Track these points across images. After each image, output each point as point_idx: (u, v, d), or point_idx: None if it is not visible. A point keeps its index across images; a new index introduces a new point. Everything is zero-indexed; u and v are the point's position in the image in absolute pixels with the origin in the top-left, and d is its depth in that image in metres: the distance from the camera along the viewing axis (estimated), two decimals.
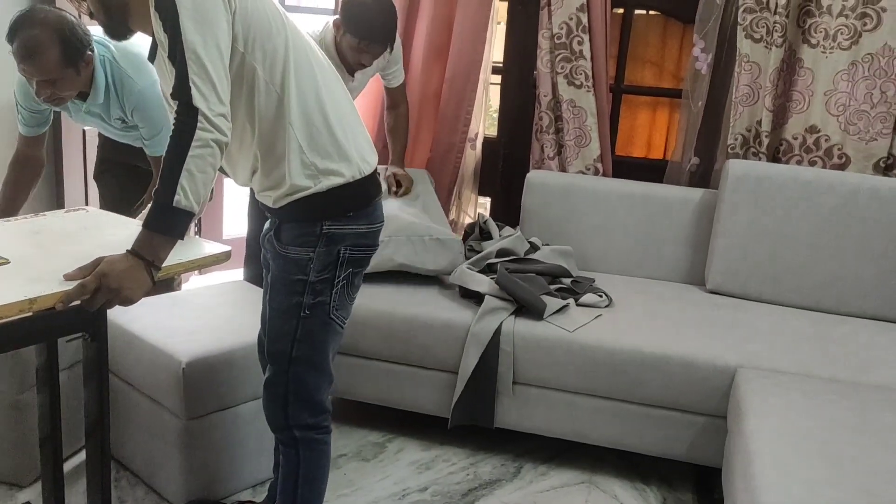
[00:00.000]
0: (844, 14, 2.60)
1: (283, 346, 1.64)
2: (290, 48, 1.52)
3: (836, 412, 1.87)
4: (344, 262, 1.61)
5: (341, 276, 1.62)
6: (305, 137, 1.54)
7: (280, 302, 1.63)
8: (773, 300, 2.64)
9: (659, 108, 3.26)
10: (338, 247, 1.59)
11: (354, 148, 1.61)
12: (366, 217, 1.64)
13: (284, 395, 1.67)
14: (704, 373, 2.18)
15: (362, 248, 1.65)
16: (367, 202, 1.64)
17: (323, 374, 1.69)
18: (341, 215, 1.59)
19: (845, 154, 2.70)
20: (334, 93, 1.61)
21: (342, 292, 1.64)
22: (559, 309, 2.39)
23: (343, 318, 1.67)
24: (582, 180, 2.90)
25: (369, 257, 1.69)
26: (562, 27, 2.85)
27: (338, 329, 1.68)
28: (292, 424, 1.68)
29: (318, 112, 1.55)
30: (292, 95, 1.52)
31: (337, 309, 1.64)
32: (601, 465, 2.42)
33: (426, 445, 2.47)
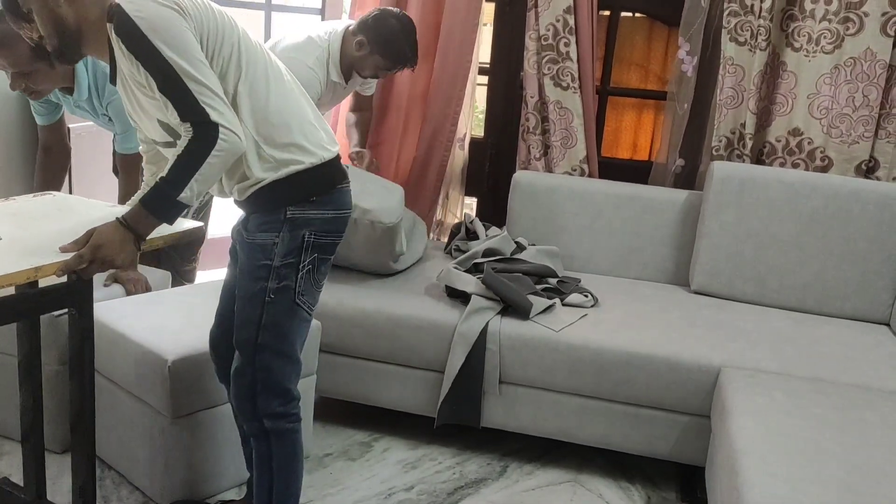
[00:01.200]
0: (827, 18, 2.63)
1: (248, 334, 1.66)
2: (241, 53, 1.59)
3: (819, 411, 1.90)
4: (309, 246, 1.64)
5: (306, 261, 1.65)
6: (260, 134, 1.60)
7: (246, 289, 1.66)
8: (756, 301, 2.66)
9: (644, 110, 3.28)
10: (302, 231, 1.63)
11: (311, 139, 1.65)
12: (331, 203, 1.67)
13: (252, 385, 1.68)
14: (689, 372, 2.20)
15: (328, 233, 1.68)
16: (330, 187, 1.67)
17: (290, 361, 1.70)
18: (304, 200, 1.63)
19: (828, 157, 2.73)
20: (286, 90, 1.67)
21: (308, 278, 1.66)
22: (545, 309, 2.40)
23: (310, 304, 1.70)
24: (568, 181, 2.92)
25: (336, 244, 1.72)
26: (548, 28, 2.87)
27: (305, 316, 1.70)
28: (262, 414, 1.69)
29: (272, 109, 1.61)
30: (244, 97, 1.59)
31: (303, 294, 1.66)
32: (587, 465, 2.43)
33: (412, 445, 2.48)
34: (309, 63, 2.53)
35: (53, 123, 2.50)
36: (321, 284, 1.73)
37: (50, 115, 2.47)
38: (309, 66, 2.53)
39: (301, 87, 1.75)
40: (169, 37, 1.46)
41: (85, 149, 2.90)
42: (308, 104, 1.72)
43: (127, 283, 2.38)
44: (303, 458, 1.79)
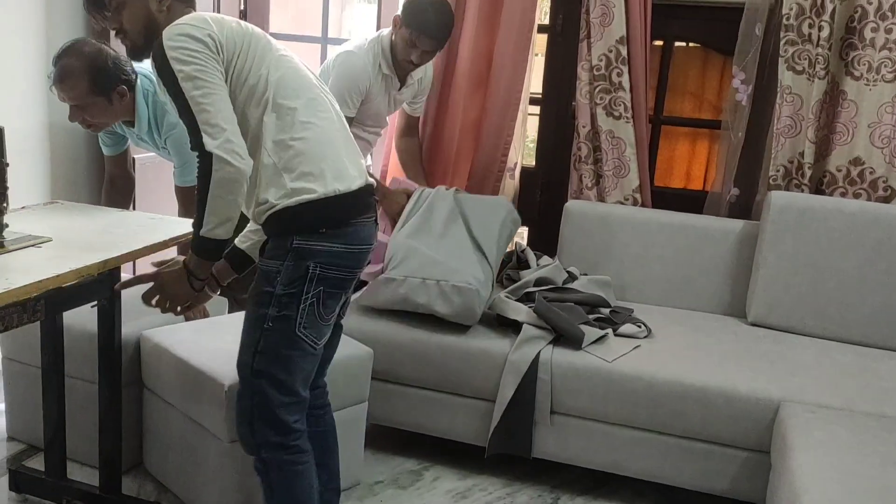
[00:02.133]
0: (888, 47, 2.59)
1: (246, 358, 1.66)
2: (270, 83, 1.63)
3: (883, 448, 1.83)
4: (314, 278, 1.61)
5: (310, 293, 1.62)
6: (281, 160, 1.62)
7: (249, 313, 1.67)
8: (816, 333, 2.60)
9: (698, 140, 3.26)
10: (307, 262, 1.60)
11: (333, 169, 1.64)
12: (342, 237, 1.64)
13: (250, 409, 1.67)
14: (746, 406, 2.15)
15: (336, 267, 1.64)
16: (342, 221, 1.64)
17: (288, 392, 1.67)
18: (312, 231, 1.61)
19: (890, 187, 2.66)
20: (320, 119, 1.68)
21: (311, 310, 1.63)
22: (598, 339, 2.38)
23: (314, 338, 1.66)
24: (620, 210, 2.90)
25: (348, 279, 1.69)
26: (601, 59, 2.88)
27: (308, 349, 1.66)
28: (260, 442, 1.68)
29: (296, 136, 1.63)
30: (269, 125, 1.62)
31: (305, 327, 1.63)
32: (639, 498, 2.38)
33: (463, 474, 2.46)
34: (359, 53, 2.60)
35: (119, 154, 2.59)
36: (328, 319, 1.69)
37: (116, 146, 2.57)
38: (358, 55, 2.59)
39: (342, 120, 1.76)
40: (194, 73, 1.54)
41: (149, 178, 3.01)
42: (342, 133, 1.73)
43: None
44: (312, 494, 1.74)
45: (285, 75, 1.66)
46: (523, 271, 2.81)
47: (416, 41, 2.56)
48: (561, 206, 2.98)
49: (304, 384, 1.71)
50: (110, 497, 2.09)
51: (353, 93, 2.61)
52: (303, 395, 1.70)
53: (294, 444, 1.70)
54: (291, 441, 1.69)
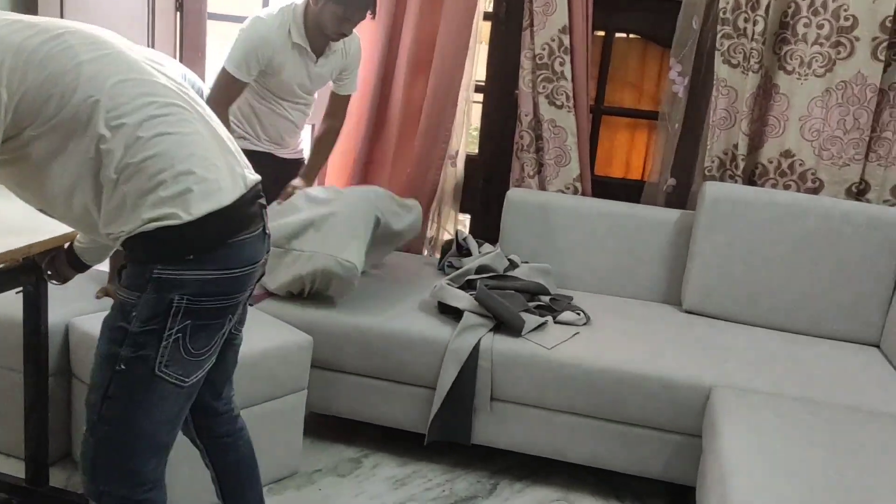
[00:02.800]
0: (819, 42, 2.66)
1: (95, 399, 1.42)
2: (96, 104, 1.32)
3: (809, 431, 1.90)
4: (179, 312, 1.36)
5: (174, 329, 1.37)
6: (129, 190, 1.34)
7: (100, 347, 1.42)
8: (747, 320, 2.67)
9: (638, 130, 3.31)
10: (170, 295, 1.35)
11: (198, 184, 1.36)
12: (217, 261, 1.39)
13: (93, 456, 1.43)
14: (680, 391, 2.20)
15: (210, 297, 1.39)
16: (214, 244, 1.39)
17: (146, 440, 1.43)
18: (177, 259, 1.36)
19: (819, 179, 2.75)
20: (183, 131, 1.39)
21: (175, 346, 1.38)
22: (537, 326, 2.40)
23: (180, 375, 1.41)
24: (561, 199, 2.93)
25: (226, 308, 1.44)
26: (544, 48, 2.89)
27: (172, 389, 1.41)
28: (102, 491, 1.44)
29: (146, 155, 1.34)
30: (106, 154, 1.33)
31: (167, 366, 1.39)
32: (577, 483, 2.42)
33: (402, 461, 2.46)
34: (266, 18, 2.49)
35: None
36: (201, 354, 1.43)
37: None
38: (259, 17, 2.49)
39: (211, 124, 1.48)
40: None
41: None
42: (213, 143, 1.44)
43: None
44: None
45: (117, 87, 1.35)
46: (465, 259, 2.82)
47: (348, 15, 2.46)
48: (503, 194, 3.00)
49: (171, 425, 1.47)
50: (38, 489, 2.03)
51: (251, 59, 2.48)
52: (165, 440, 1.47)
53: (144, 497, 1.45)
54: (141, 495, 1.45)
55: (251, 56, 2.49)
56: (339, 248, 2.39)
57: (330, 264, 2.36)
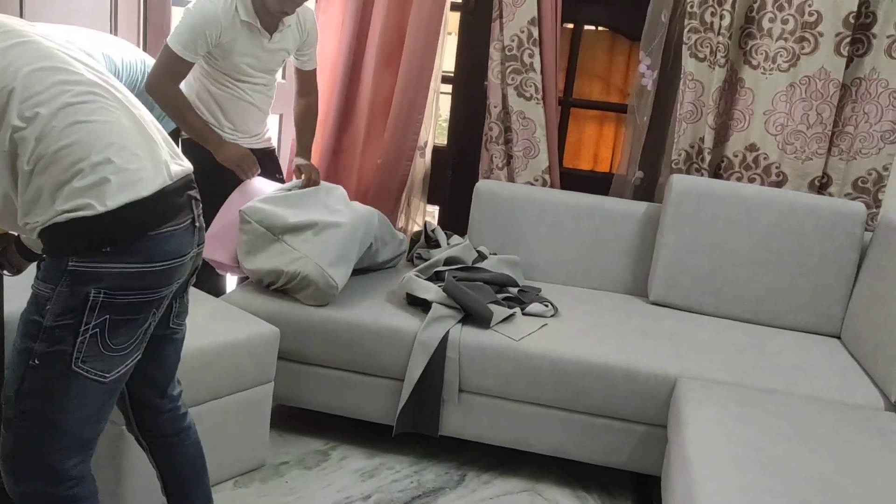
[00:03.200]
0: (784, 37, 2.70)
1: (10, 394, 1.38)
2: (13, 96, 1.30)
3: (772, 421, 1.93)
4: (95, 307, 1.32)
5: (91, 324, 1.33)
6: (45, 181, 1.31)
7: (17, 341, 1.37)
8: (712, 312, 2.71)
9: (606, 123, 3.32)
10: (86, 288, 1.31)
11: (117, 174, 1.32)
12: (137, 254, 1.34)
13: (12, 455, 1.39)
14: (646, 382, 2.22)
15: (130, 291, 1.35)
16: (135, 236, 1.34)
17: (66, 437, 1.39)
18: (93, 251, 1.31)
19: (783, 172, 2.79)
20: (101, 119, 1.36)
21: (91, 342, 1.34)
22: (505, 318, 2.41)
23: (101, 371, 1.37)
24: (530, 191, 2.94)
25: (148, 303, 1.39)
26: (513, 39, 2.89)
27: (93, 384, 1.37)
28: (25, 492, 1.40)
29: (61, 145, 1.31)
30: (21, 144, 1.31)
31: (85, 361, 1.34)
32: (544, 474, 2.44)
33: (370, 453, 2.46)
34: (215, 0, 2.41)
35: None
36: (122, 349, 1.39)
37: None
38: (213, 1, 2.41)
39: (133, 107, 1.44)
40: None
41: None
42: (136, 123, 1.41)
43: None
44: None
45: (31, 76, 1.32)
46: (433, 250, 2.82)
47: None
48: (472, 185, 2.99)
49: (94, 421, 1.42)
50: None
51: (199, 38, 2.40)
52: (87, 435, 1.42)
53: (69, 493, 1.41)
54: (64, 492, 1.40)
55: (198, 35, 2.40)
56: (330, 262, 2.38)
57: (315, 274, 2.34)
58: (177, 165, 1.45)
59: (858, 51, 2.69)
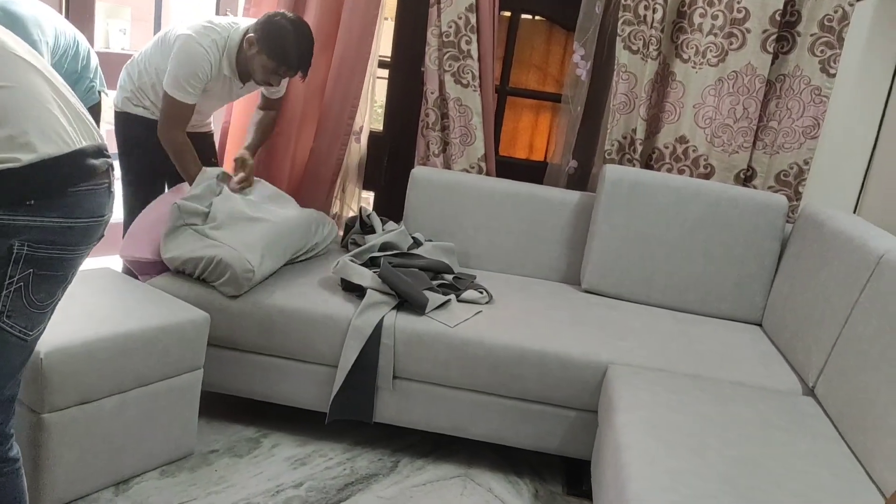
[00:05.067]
0: (713, 32, 2.77)
1: None
2: None
3: (699, 406, 1.99)
4: (19, 259, 1.33)
5: (14, 277, 1.33)
6: None
7: None
8: (642, 300, 2.77)
9: (542, 112, 3.35)
10: (9, 241, 1.32)
11: (39, 130, 1.35)
12: (59, 209, 1.36)
13: None
14: (578, 368, 2.26)
15: (52, 246, 1.36)
16: (56, 190, 1.36)
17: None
18: (15, 203, 1.32)
19: (710, 164, 2.87)
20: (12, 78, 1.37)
21: (16, 296, 1.35)
22: (440, 304, 2.41)
23: (24, 328, 1.38)
24: (466, 178, 2.94)
25: (69, 259, 1.41)
26: (450, 26, 2.88)
27: (15, 341, 1.38)
28: None
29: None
30: None
31: (10, 316, 1.35)
32: (477, 460, 2.46)
33: (302, 440, 2.43)
34: (203, 43, 2.49)
35: None
36: (44, 306, 1.40)
37: None
38: (201, 44, 2.48)
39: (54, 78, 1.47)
40: None
41: None
42: (55, 94, 1.43)
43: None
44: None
45: None
46: (368, 236, 2.79)
47: (279, 71, 2.53)
48: (408, 171, 2.98)
49: (14, 379, 1.42)
50: None
51: (193, 80, 2.49)
52: (9, 394, 1.42)
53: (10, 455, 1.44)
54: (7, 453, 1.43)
55: (191, 76, 2.49)
56: (247, 248, 2.34)
57: (230, 257, 2.30)
58: (97, 133, 1.48)
59: (783, 48, 2.78)
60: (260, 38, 2.48)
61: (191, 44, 2.47)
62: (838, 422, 1.97)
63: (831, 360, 2.10)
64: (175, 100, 2.50)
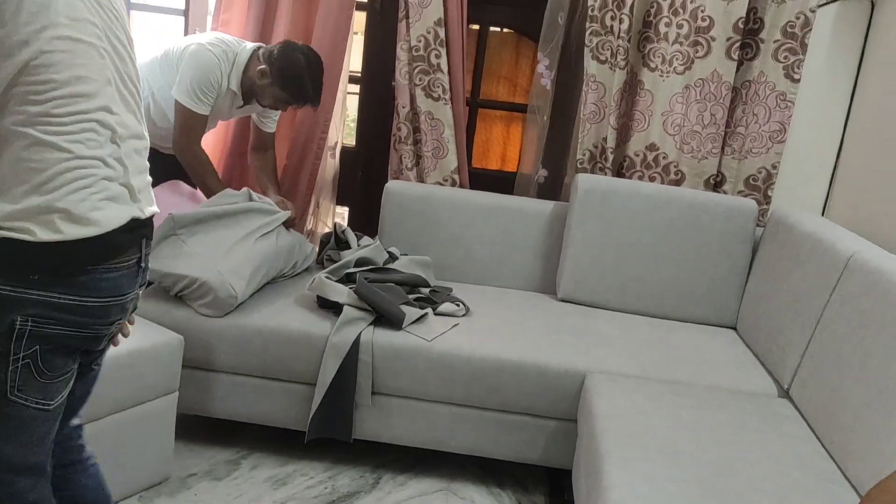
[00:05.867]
0: (679, 41, 2.80)
1: None
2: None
3: (675, 412, 2.00)
4: (23, 336, 1.20)
5: (19, 354, 1.21)
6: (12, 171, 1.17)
7: None
8: (618, 307, 2.79)
9: (513, 123, 3.37)
10: (10, 315, 1.19)
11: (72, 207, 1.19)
12: (71, 287, 1.21)
13: None
14: (556, 378, 2.26)
15: (60, 324, 1.22)
16: (71, 271, 1.21)
17: (14, 468, 1.29)
18: (17, 276, 1.18)
19: (681, 171, 2.90)
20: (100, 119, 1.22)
21: (25, 371, 1.23)
22: (417, 318, 2.41)
23: (39, 399, 1.26)
24: (439, 191, 2.95)
25: (81, 338, 1.27)
26: (420, 40, 2.89)
27: (34, 412, 1.27)
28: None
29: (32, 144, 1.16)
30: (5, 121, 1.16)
31: (21, 389, 1.24)
32: (459, 473, 2.45)
33: (282, 461, 2.41)
34: (215, 52, 2.49)
35: None
36: (56, 376, 1.27)
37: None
38: (213, 53, 2.48)
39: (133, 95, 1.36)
40: None
41: None
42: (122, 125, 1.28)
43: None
44: None
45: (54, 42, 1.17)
46: (343, 252, 2.78)
47: (291, 102, 2.56)
48: (381, 186, 2.98)
49: (41, 445, 1.32)
50: None
51: (206, 87, 2.49)
52: (36, 460, 1.31)
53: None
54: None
55: (203, 83, 2.48)
56: (232, 273, 2.31)
57: (214, 281, 2.27)
58: (147, 204, 1.33)
59: (748, 55, 2.82)
60: (275, 71, 2.51)
61: (203, 52, 2.48)
62: (813, 422, 1.99)
63: (805, 362, 2.13)
64: (188, 109, 2.50)
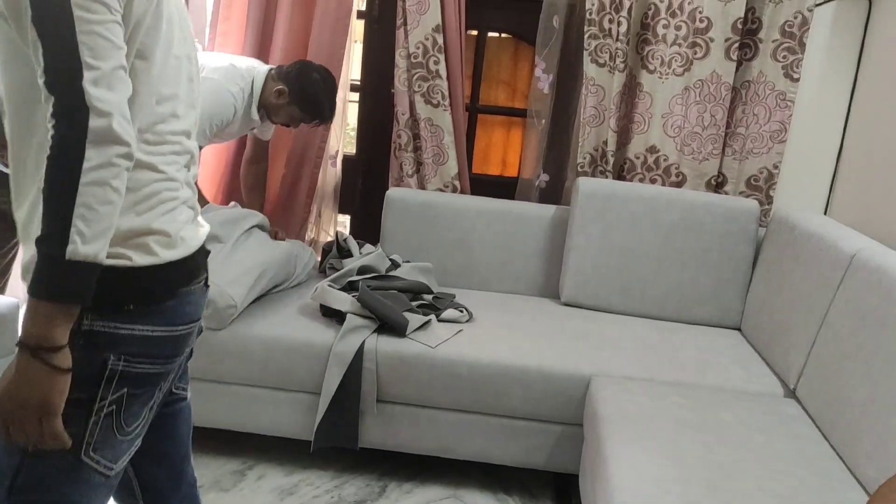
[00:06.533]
0: (677, 43, 2.81)
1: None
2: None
3: (681, 413, 2.00)
4: (114, 377, 1.07)
5: (106, 400, 1.07)
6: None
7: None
8: (621, 310, 2.78)
9: (512, 128, 3.37)
10: (104, 354, 1.05)
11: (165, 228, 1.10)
12: (160, 315, 1.11)
13: None
14: (561, 382, 2.26)
15: (149, 360, 1.11)
16: (164, 294, 1.11)
17: None
18: (115, 308, 1.06)
19: (682, 173, 2.90)
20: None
21: (106, 424, 1.08)
22: (421, 325, 2.41)
23: (108, 462, 1.10)
24: (441, 197, 2.95)
25: (162, 374, 1.15)
26: (418, 47, 2.90)
27: (96, 479, 1.10)
28: None
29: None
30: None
31: (96, 449, 1.08)
32: (465, 479, 2.45)
33: (288, 470, 2.40)
34: (231, 89, 2.49)
35: None
36: (130, 432, 1.13)
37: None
38: (230, 90, 2.48)
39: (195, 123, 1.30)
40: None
41: None
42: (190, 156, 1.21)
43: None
44: None
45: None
46: (346, 260, 2.79)
47: (306, 120, 2.61)
48: (382, 193, 2.98)
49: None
50: None
51: (213, 121, 2.48)
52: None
53: None
54: None
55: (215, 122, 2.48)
56: (231, 282, 2.32)
57: (213, 291, 2.27)
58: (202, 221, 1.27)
59: (746, 55, 2.82)
60: (292, 91, 2.54)
61: (220, 90, 2.45)
62: (820, 422, 1.99)
63: (810, 361, 2.12)
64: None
